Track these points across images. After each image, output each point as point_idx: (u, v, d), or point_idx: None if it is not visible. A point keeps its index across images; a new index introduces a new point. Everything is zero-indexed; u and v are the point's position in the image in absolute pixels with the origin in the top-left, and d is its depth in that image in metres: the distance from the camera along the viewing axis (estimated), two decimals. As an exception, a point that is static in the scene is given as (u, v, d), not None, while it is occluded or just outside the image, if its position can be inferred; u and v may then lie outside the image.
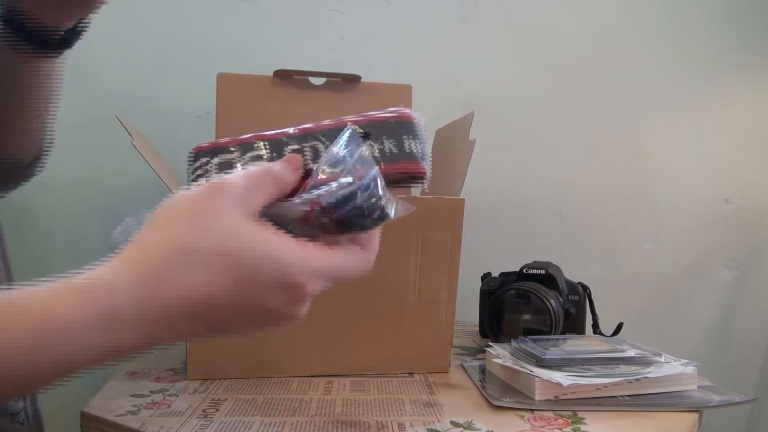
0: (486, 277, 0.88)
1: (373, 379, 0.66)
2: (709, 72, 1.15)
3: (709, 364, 1.14)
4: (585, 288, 0.83)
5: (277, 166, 0.34)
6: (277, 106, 0.88)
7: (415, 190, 0.80)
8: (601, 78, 1.13)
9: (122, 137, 0.66)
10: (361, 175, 0.32)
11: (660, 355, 0.65)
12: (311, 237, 0.32)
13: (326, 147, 0.36)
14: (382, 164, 0.36)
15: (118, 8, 1.02)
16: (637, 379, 0.59)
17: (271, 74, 0.88)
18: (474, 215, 0.64)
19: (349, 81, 0.89)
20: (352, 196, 0.32)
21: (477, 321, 0.88)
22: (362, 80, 0.90)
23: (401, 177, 0.37)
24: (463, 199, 0.65)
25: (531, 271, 0.80)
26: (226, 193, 0.30)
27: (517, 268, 0.82)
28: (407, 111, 0.38)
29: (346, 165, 0.33)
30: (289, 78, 0.89)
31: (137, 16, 1.03)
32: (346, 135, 0.35)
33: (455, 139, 0.80)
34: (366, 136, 0.36)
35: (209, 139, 0.90)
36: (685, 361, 0.63)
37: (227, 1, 1.05)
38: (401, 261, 0.65)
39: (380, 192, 0.32)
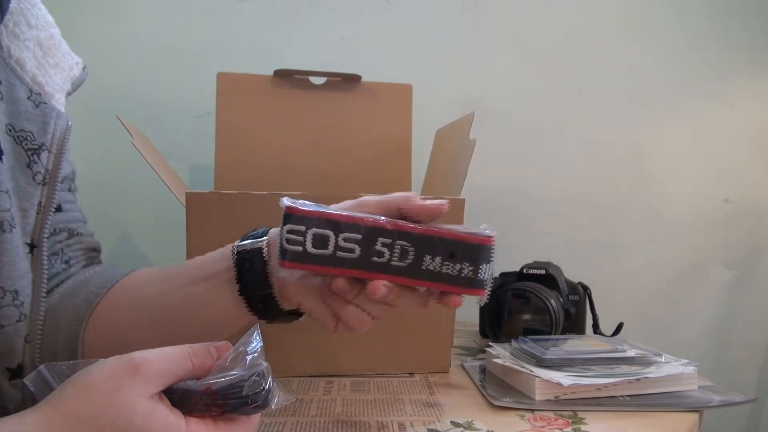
0: (486, 277, 0.88)
1: (373, 379, 0.66)
2: (709, 71, 1.15)
3: (709, 364, 1.15)
4: (585, 288, 0.83)
5: (202, 352, 0.38)
6: (277, 105, 0.88)
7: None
8: (601, 78, 1.13)
9: (122, 137, 0.66)
10: (253, 369, 0.37)
11: (660, 355, 0.64)
12: (200, 412, 0.37)
13: (414, 251, 0.41)
14: (453, 285, 0.41)
15: (119, 8, 1.03)
16: (638, 379, 0.59)
17: (271, 74, 0.88)
18: (474, 215, 0.64)
19: (349, 80, 0.89)
20: (239, 386, 0.36)
21: (477, 321, 0.88)
22: (362, 80, 0.90)
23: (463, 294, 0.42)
24: (464, 199, 0.64)
25: (531, 271, 0.80)
26: (139, 376, 0.34)
27: (517, 268, 0.82)
28: (491, 235, 0.41)
29: (244, 357, 0.38)
30: (289, 78, 0.88)
31: (137, 16, 1.03)
32: (254, 333, 0.40)
33: (455, 139, 0.80)
34: (451, 256, 0.41)
35: (209, 138, 0.90)
36: (685, 361, 0.63)
37: (227, 1, 1.05)
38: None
39: (266, 386, 0.37)
